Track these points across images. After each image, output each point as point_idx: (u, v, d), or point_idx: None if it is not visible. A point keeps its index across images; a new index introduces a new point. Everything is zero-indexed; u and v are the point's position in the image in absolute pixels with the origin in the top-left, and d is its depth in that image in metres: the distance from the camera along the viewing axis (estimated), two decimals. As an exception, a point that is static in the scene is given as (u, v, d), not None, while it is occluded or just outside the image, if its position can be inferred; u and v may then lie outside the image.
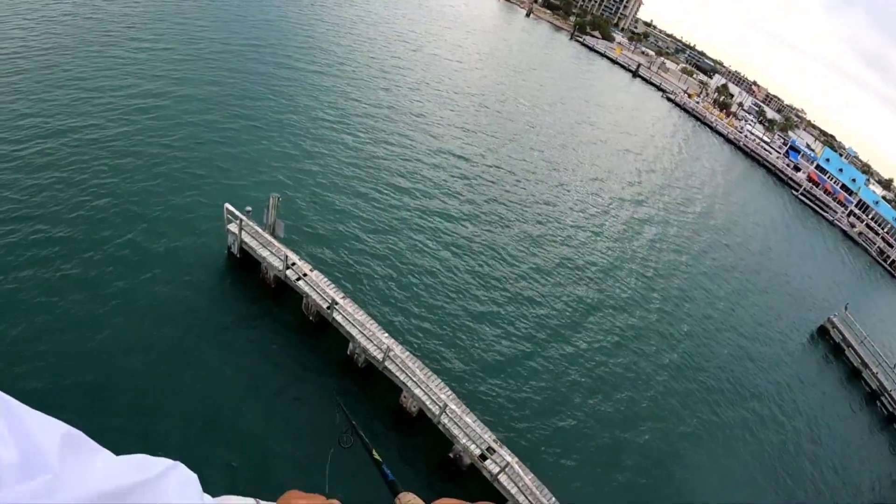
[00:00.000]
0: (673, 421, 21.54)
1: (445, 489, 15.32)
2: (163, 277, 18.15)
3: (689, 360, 25.60)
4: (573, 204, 36.66)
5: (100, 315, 16.07)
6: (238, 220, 18.55)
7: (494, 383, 19.17)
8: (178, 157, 24.35)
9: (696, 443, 21.15)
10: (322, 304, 17.43)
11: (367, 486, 13.71)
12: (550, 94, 64.02)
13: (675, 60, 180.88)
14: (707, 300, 32.27)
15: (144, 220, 20.29)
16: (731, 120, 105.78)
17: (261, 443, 14.62)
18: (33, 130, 22.38)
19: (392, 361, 16.27)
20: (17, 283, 16.00)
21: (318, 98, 36.26)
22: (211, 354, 16.32)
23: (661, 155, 60.71)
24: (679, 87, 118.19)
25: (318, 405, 15.87)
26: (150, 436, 13.69)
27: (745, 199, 60.34)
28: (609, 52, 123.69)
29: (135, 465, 0.86)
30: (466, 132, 40.91)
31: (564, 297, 25.68)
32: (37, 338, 14.80)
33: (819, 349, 34.47)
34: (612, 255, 31.98)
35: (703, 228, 43.58)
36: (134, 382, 14.76)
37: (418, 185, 30.03)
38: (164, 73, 31.29)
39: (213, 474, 13.34)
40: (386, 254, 23.37)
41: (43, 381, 13.82)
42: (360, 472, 12.81)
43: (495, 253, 26.66)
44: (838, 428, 27.19)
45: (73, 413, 13.27)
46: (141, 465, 0.88)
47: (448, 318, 21.30)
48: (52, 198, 19.47)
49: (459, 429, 15.25)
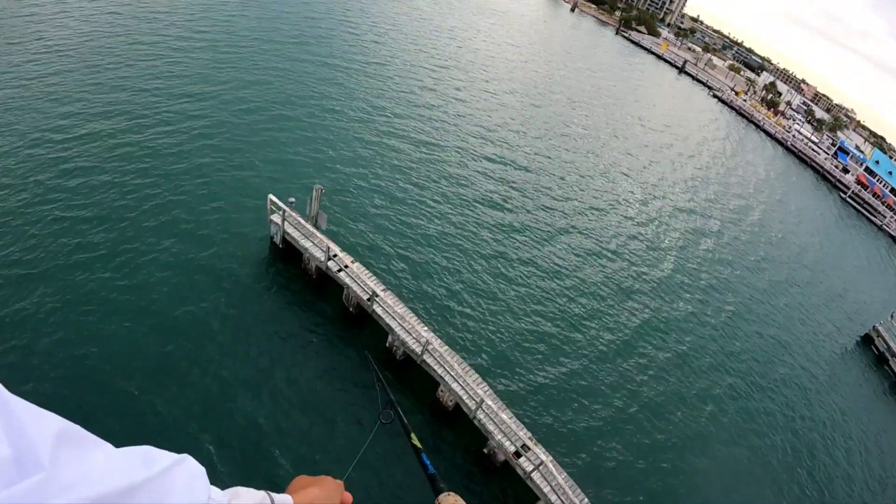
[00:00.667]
0: (711, 432, 21.25)
1: (479, 484, 15.47)
2: (206, 267, 18.72)
3: (733, 373, 25.17)
4: (625, 209, 36.17)
5: (143, 306, 16.72)
6: (281, 211, 18.91)
7: (533, 381, 19.18)
8: (221, 149, 24.98)
9: (729, 454, 20.83)
10: (363, 296, 17.69)
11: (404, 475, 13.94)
12: (600, 93, 63.14)
13: (721, 57, 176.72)
14: (748, 302, 31.59)
15: (188, 209, 20.94)
16: (778, 119, 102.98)
17: (298, 428, 14.99)
18: (77, 127, 23.21)
19: (430, 355, 16.43)
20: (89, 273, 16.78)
21: (365, 95, 36.67)
22: (250, 343, 16.78)
23: (712, 156, 59.41)
24: (726, 85, 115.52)
25: (356, 396, 16.17)
26: (194, 412, 14.24)
27: (792, 200, 58.69)
28: (655, 47, 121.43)
29: (138, 460, 0.83)
30: (515, 133, 40.77)
31: (609, 302, 25.45)
32: (108, 316, 15.70)
33: (862, 358, 33.47)
34: (661, 262, 31.53)
35: (748, 231, 42.60)
36: (174, 368, 15.34)
37: (465, 184, 30.12)
38: (209, 69, 32.03)
39: (235, 456, 13.82)
40: (428, 250, 23.54)
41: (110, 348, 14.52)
42: (399, 460, 13.09)
43: (541, 256, 26.52)
44: (875, 440, 26.37)
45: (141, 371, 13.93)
46: (145, 458, 0.85)
47: (489, 317, 21.35)
48: (105, 198, 20.34)
49: (495, 425, 15.34)
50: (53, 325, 15.10)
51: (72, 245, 17.64)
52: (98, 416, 13.28)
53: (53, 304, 15.66)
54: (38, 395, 13.09)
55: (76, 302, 15.97)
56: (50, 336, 14.82)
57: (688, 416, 21.13)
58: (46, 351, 14.44)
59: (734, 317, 29.40)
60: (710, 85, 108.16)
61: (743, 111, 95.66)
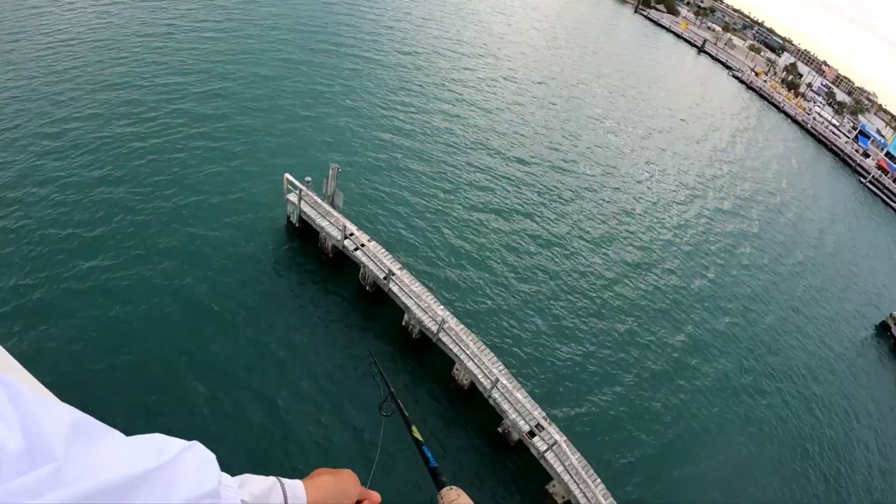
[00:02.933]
0: (726, 418, 21.23)
1: (493, 463, 15.62)
2: (221, 247, 18.90)
3: (749, 358, 25.08)
4: (649, 196, 35.76)
5: (160, 284, 16.99)
6: (298, 190, 18.96)
7: (550, 361, 19.27)
8: (241, 129, 25.08)
9: (742, 441, 20.84)
10: (379, 275, 17.76)
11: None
12: (622, 77, 61.93)
13: (741, 37, 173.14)
14: (763, 286, 31.33)
15: (207, 189, 21.10)
16: (799, 101, 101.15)
17: (314, 406, 15.19)
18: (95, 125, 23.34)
19: (446, 334, 16.51)
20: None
21: (386, 78, 36.49)
22: (268, 321, 16.94)
23: (730, 137, 58.34)
24: (746, 65, 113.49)
25: (369, 380, 16.33)
26: (212, 389, 14.49)
27: (810, 184, 57.69)
28: (674, 26, 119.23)
29: (148, 448, 0.85)
30: (536, 118, 40.23)
31: (624, 282, 25.32)
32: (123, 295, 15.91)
33: (879, 346, 33.15)
34: (680, 241, 31.25)
35: (765, 215, 42.01)
36: (194, 348, 15.57)
37: (482, 167, 29.90)
38: (237, 57, 32.00)
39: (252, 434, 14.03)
40: (446, 230, 23.52)
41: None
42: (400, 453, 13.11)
43: (561, 241, 26.34)
44: (890, 428, 26.22)
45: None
46: (155, 446, 0.86)
47: (507, 296, 21.40)
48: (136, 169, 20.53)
49: (510, 404, 15.44)
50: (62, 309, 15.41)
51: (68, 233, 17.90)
52: (109, 401, 13.56)
53: (66, 287, 15.95)
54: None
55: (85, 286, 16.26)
56: (64, 320, 15.12)
57: (703, 401, 21.12)
58: (60, 335, 14.74)
59: (750, 301, 29.19)
60: (730, 65, 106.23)
61: (763, 92, 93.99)
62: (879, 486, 21.87)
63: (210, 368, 15.09)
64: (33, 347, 13.95)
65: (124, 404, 13.48)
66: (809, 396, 24.61)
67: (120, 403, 13.45)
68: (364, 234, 18.99)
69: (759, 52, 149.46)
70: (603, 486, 14.50)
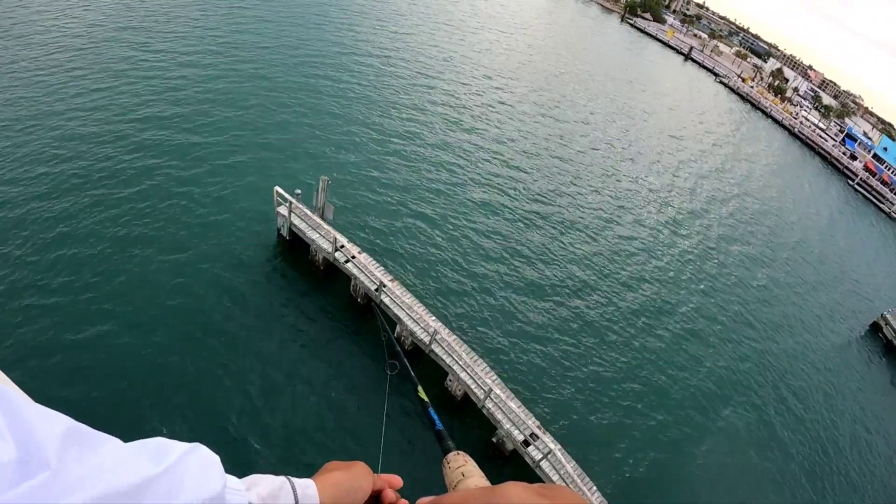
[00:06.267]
0: (720, 426, 21.25)
1: (488, 473, 15.44)
2: (214, 258, 18.82)
3: (740, 360, 25.16)
4: (638, 197, 35.99)
5: (149, 295, 16.86)
6: (287, 203, 18.92)
7: (542, 370, 19.24)
8: (229, 144, 25.05)
9: (734, 442, 20.87)
10: (370, 287, 17.71)
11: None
12: (607, 84, 62.40)
13: (728, 43, 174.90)
14: (755, 289, 31.46)
15: (197, 201, 21.05)
16: (785, 105, 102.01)
17: (308, 416, 15.10)
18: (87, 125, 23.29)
19: (438, 345, 16.47)
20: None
21: (375, 87, 36.57)
22: (258, 335, 16.86)
23: (717, 142, 58.83)
24: (733, 71, 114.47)
25: (365, 384, 16.27)
26: (213, 398, 14.37)
27: (798, 187, 58.27)
28: (661, 34, 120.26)
29: (148, 453, 0.83)
30: (524, 123, 40.52)
31: (616, 291, 25.37)
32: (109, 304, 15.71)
33: (871, 346, 33.32)
34: (668, 248, 31.44)
35: (753, 217, 42.24)
36: (185, 358, 15.45)
37: (472, 175, 30.02)
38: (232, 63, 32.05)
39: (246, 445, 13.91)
40: (437, 240, 23.53)
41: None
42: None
43: (548, 248, 26.37)
44: (883, 429, 26.28)
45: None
46: (155, 451, 0.84)
47: (497, 305, 21.38)
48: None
49: (503, 413, 15.39)
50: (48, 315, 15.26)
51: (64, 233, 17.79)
52: (99, 411, 13.44)
53: (58, 300, 15.82)
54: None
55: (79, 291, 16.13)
56: (43, 331, 15.00)
57: (698, 407, 21.15)
58: (40, 346, 14.62)
59: (739, 303, 29.30)
60: (717, 71, 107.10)
61: (750, 98, 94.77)
62: (868, 486, 21.92)
63: (199, 381, 14.98)
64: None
65: (116, 418, 13.36)
66: (801, 397, 24.68)
67: (113, 417, 13.33)
68: (355, 245, 18.95)
69: (745, 58, 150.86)
70: (599, 494, 14.46)
